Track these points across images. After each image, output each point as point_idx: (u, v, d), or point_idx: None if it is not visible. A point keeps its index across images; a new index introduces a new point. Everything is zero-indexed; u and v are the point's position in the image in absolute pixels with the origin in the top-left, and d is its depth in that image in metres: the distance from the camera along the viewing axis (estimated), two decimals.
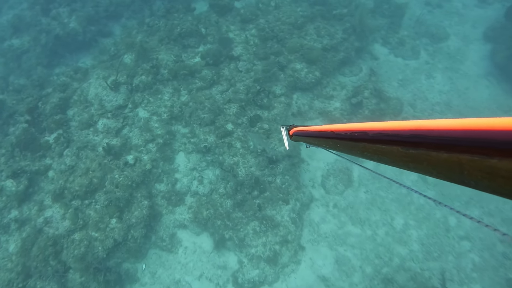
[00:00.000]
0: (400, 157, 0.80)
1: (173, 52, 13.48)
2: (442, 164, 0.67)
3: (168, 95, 12.53)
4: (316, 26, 13.88)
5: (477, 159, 0.58)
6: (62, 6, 15.91)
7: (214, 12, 15.10)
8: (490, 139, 0.57)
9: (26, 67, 15.39)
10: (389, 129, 0.86)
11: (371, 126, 0.94)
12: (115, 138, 11.64)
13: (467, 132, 0.62)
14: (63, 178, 10.98)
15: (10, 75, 15.59)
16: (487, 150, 0.57)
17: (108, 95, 12.57)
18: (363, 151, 0.97)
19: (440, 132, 0.68)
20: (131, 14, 16.81)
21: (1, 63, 16.38)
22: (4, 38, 16.55)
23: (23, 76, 15.16)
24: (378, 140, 0.89)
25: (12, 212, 11.03)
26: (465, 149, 0.61)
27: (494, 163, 0.55)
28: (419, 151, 0.73)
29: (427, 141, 0.71)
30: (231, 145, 11.08)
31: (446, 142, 0.66)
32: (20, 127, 12.36)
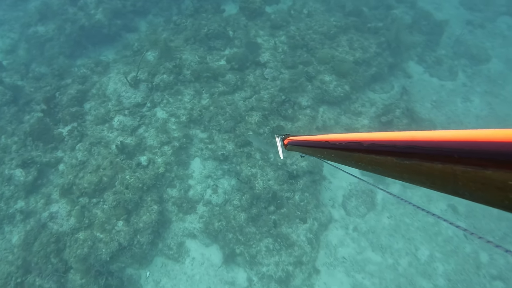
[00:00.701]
0: (395, 167, 0.80)
1: (198, 53, 13.29)
2: (436, 175, 0.68)
3: (189, 97, 12.32)
4: (349, 38, 13.53)
5: (471, 170, 0.59)
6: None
7: (243, 15, 14.90)
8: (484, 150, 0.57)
9: (49, 55, 15.44)
10: (383, 139, 0.86)
11: (366, 137, 0.94)
12: (130, 137, 11.45)
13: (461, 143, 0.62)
14: (73, 173, 10.82)
15: (32, 62, 15.68)
16: (481, 161, 0.57)
17: (127, 91, 12.43)
18: (357, 161, 0.98)
19: (435, 143, 0.69)
20: (158, 11, 16.78)
21: (24, 49, 16.54)
22: (30, 24, 16.69)
23: (44, 64, 15.21)
24: (372, 151, 0.89)
25: (19, 203, 10.91)
26: (459, 160, 0.62)
27: (488, 174, 0.55)
28: (414, 162, 0.74)
29: (422, 152, 0.72)
30: (250, 156, 10.76)
31: (441, 153, 0.67)
32: (35, 116, 12.31)
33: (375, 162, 0.89)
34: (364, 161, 0.94)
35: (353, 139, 1.01)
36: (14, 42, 17.20)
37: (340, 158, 1.12)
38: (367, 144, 0.92)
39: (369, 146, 0.91)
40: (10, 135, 12.19)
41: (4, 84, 13.11)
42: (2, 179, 11.23)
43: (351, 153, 1.01)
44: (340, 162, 1.16)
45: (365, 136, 0.95)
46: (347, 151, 1.04)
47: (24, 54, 16.46)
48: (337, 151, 1.12)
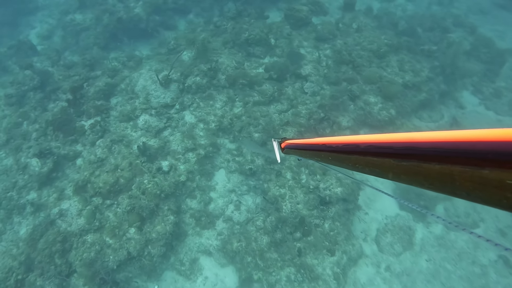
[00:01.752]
0: (392, 169, 0.81)
1: (236, 58, 12.87)
2: (433, 175, 0.69)
3: (221, 103, 11.86)
4: (400, 59, 12.82)
5: (468, 170, 0.60)
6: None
7: (288, 23, 14.44)
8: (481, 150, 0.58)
9: (83, 45, 15.43)
10: (380, 141, 0.87)
11: (363, 139, 0.95)
12: (154, 139, 11.05)
13: (458, 144, 0.63)
14: (89, 170, 10.48)
15: (66, 50, 15.73)
16: (478, 161, 0.58)
17: (156, 90, 12.09)
18: (355, 164, 0.99)
19: (432, 144, 0.70)
20: (199, 11, 16.59)
21: (60, 36, 16.66)
22: (68, 11, 16.82)
23: (77, 53, 15.20)
24: (369, 153, 0.90)
25: (31, 194, 10.66)
26: (456, 160, 0.62)
27: (485, 174, 0.56)
28: (411, 163, 0.74)
29: (419, 153, 0.72)
30: (280, 174, 10.14)
31: (438, 154, 0.67)
32: (60, 105, 12.12)
33: (373, 164, 0.89)
34: (362, 163, 0.94)
35: (350, 141, 1.01)
36: (52, 28, 17.39)
37: (338, 160, 1.13)
38: (364, 146, 0.92)
39: (366, 148, 0.91)
40: (32, 122, 12.04)
41: (34, 69, 13.04)
42: (18, 166, 11.03)
43: (348, 156, 1.02)
44: (337, 164, 1.18)
45: (362, 138, 0.95)
46: (344, 154, 1.05)
47: (59, 41, 16.55)
48: (334, 154, 1.12)
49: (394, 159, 0.80)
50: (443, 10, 16.49)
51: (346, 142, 1.04)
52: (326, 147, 1.18)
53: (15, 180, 10.86)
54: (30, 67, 12.98)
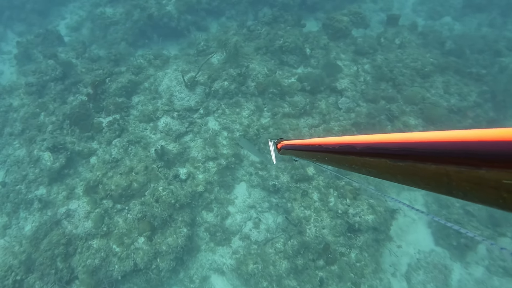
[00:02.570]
0: (388, 169, 0.81)
1: (268, 65, 12.36)
2: (430, 175, 0.69)
3: (248, 111, 11.33)
4: (445, 80, 12.06)
5: (464, 170, 0.60)
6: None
7: (325, 34, 13.89)
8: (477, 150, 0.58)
9: (111, 39, 15.23)
10: (377, 142, 0.87)
11: (359, 139, 0.95)
12: (173, 143, 10.58)
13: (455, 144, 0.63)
14: (102, 170, 10.07)
15: (93, 43, 15.57)
16: (474, 161, 0.58)
17: (181, 92, 11.66)
18: (351, 164, 0.99)
19: (428, 144, 0.70)
20: (233, 14, 16.22)
21: (88, 28, 16.56)
22: (99, 4, 16.73)
23: (104, 47, 15.01)
24: (366, 153, 0.90)
25: (40, 189, 10.33)
26: (452, 160, 0.63)
27: (482, 174, 0.57)
28: (407, 163, 0.75)
29: (415, 154, 0.72)
30: (306, 194, 9.50)
31: (434, 154, 0.67)
32: (79, 99, 11.83)
33: (369, 164, 0.89)
34: (358, 163, 0.95)
35: (346, 142, 1.01)
36: (81, 20, 17.35)
37: (334, 161, 1.14)
38: (360, 147, 0.93)
39: (362, 149, 0.92)
40: (50, 113, 11.76)
41: (58, 59, 12.82)
42: (30, 159, 10.73)
43: (344, 156, 1.02)
44: (334, 165, 1.19)
45: (359, 139, 0.95)
46: (341, 154, 1.05)
47: (87, 33, 16.44)
48: (331, 155, 1.13)
49: (390, 160, 0.80)
50: (494, 32, 15.63)
51: (343, 142, 1.04)
52: (322, 147, 1.19)
53: (25, 173, 10.55)
54: (54, 57, 12.77)
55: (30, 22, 17.84)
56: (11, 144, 11.56)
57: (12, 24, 18.33)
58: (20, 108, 12.21)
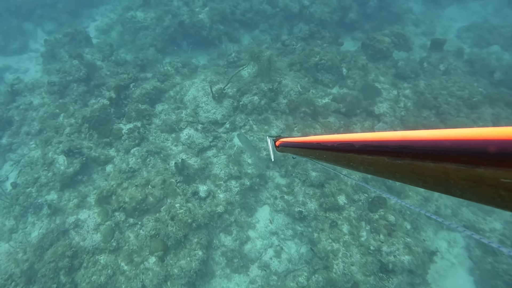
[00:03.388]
0: (386, 167, 0.82)
1: (301, 83, 11.81)
2: (428, 173, 0.69)
3: (277, 130, 10.77)
4: (495, 112, 11.27)
5: (463, 168, 0.60)
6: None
7: (364, 54, 13.31)
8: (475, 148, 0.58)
9: (139, 44, 15.02)
10: (375, 140, 0.88)
11: (358, 137, 0.96)
12: (195, 158, 10.06)
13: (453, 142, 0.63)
14: (117, 180, 9.61)
15: (121, 47, 15.41)
16: (472, 159, 0.58)
17: (207, 103, 11.20)
18: (349, 162, 1.01)
19: (426, 143, 0.70)
20: (267, 27, 15.88)
21: (118, 31, 16.44)
22: (130, 7, 16.62)
23: (132, 52, 14.83)
24: (364, 151, 0.91)
25: (51, 194, 9.91)
26: (451, 158, 0.63)
27: (480, 172, 0.57)
28: (405, 161, 0.75)
29: (413, 151, 0.73)
30: (335, 225, 8.79)
31: (432, 152, 0.68)
32: (101, 102, 11.50)
33: (367, 162, 0.90)
34: (356, 161, 0.95)
35: (345, 140, 1.02)
36: (111, 23, 17.28)
37: (332, 159, 1.14)
38: (358, 144, 0.93)
39: (360, 147, 0.92)
40: (69, 115, 11.45)
41: (83, 60, 12.58)
42: (44, 161, 10.37)
43: (343, 154, 1.03)
44: (332, 163, 1.18)
45: (357, 136, 0.96)
46: (339, 152, 1.06)
47: (116, 37, 16.31)
48: (329, 152, 1.13)
49: (388, 158, 0.80)
50: None
51: (341, 140, 1.04)
52: (321, 145, 1.20)
53: (37, 176, 10.18)
54: (79, 57, 12.54)
55: (61, 21, 17.87)
56: (27, 144, 11.26)
57: (43, 22, 18.41)
58: (40, 107, 11.95)
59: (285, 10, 15.97)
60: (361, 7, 16.11)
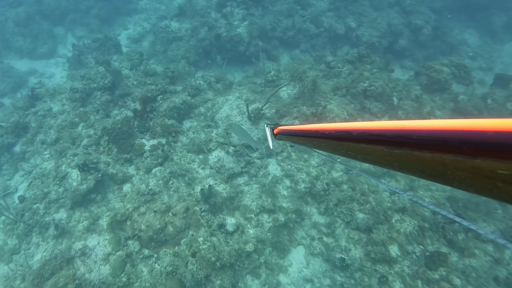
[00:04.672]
0: (384, 156, 0.83)
1: (347, 109, 10.69)
2: (426, 163, 0.70)
3: (318, 160, 9.64)
4: None
5: (460, 159, 0.61)
6: (240, 7, 14.63)
7: (418, 83, 12.15)
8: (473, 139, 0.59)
9: (171, 55, 14.30)
10: (373, 129, 0.88)
11: (356, 126, 0.96)
12: (224, 184, 8.98)
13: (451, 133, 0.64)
14: (134, 203, 8.59)
15: (152, 57, 14.76)
16: (470, 150, 0.59)
17: (242, 124, 10.19)
18: (347, 151, 1.01)
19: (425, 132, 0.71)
20: (308, 47, 14.99)
21: (150, 41, 15.89)
22: (165, 17, 16.08)
23: (163, 63, 14.13)
24: (362, 140, 0.91)
25: (60, 213, 8.95)
26: (448, 149, 0.64)
27: (477, 163, 0.58)
28: (403, 151, 0.76)
29: (411, 141, 0.74)
30: (385, 281, 7.48)
31: (430, 142, 0.68)
32: (124, 114, 10.63)
33: (365, 151, 0.91)
34: (354, 150, 0.96)
35: (343, 128, 1.02)
36: (144, 32, 16.79)
37: (330, 147, 1.15)
38: (356, 133, 0.93)
39: (358, 135, 0.92)
40: (89, 126, 10.61)
41: (110, 67, 11.79)
42: (56, 174, 9.47)
43: (341, 142, 1.03)
44: (330, 151, 1.19)
45: (355, 125, 0.96)
46: (337, 140, 1.06)
47: (147, 46, 15.72)
48: (327, 141, 1.13)
49: (386, 147, 0.81)
50: None
51: (339, 129, 1.04)
52: (319, 133, 1.19)
53: (47, 191, 9.26)
54: (106, 63, 11.77)
55: (92, 28, 17.43)
56: (41, 153, 10.43)
57: (74, 28, 18.03)
58: (59, 115, 11.16)
59: (329, 31, 15.06)
60: (413, 33, 15.07)
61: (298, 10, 15.61)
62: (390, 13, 15.68)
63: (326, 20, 15.22)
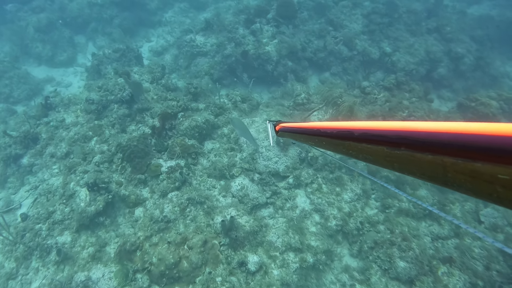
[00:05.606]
0: (385, 157, 0.83)
1: None
2: (426, 165, 0.70)
3: (351, 195, 8.75)
4: None
5: (460, 162, 0.61)
6: (270, 25, 14.02)
7: (462, 116, 11.25)
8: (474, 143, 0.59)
9: (194, 70, 13.82)
10: (375, 129, 0.88)
11: (358, 125, 0.96)
12: (247, 216, 8.12)
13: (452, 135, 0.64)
14: (146, 231, 7.79)
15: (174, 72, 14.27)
16: (471, 154, 0.59)
17: (268, 149, 9.39)
18: (348, 150, 1.01)
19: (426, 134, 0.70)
20: (340, 70, 14.26)
21: (172, 55, 15.42)
22: (190, 30, 15.55)
23: (184, 78, 13.60)
24: (363, 139, 0.92)
25: (64, 235, 8.17)
26: (449, 151, 0.63)
27: (477, 167, 0.57)
28: (404, 152, 0.76)
29: (413, 143, 0.74)
30: None
31: (431, 144, 0.68)
32: (141, 130, 9.93)
33: (366, 151, 0.91)
34: (355, 149, 0.96)
35: (345, 127, 1.02)
36: (167, 45, 16.35)
37: (331, 145, 1.15)
38: (358, 132, 0.94)
39: (360, 135, 0.93)
40: (103, 140, 9.92)
41: (129, 79, 11.13)
42: (63, 192, 8.74)
43: (342, 141, 1.03)
44: (331, 150, 1.18)
45: (357, 125, 0.96)
46: (338, 139, 1.06)
47: (170, 60, 15.20)
48: (328, 139, 1.14)
49: (387, 148, 0.81)
50: None
51: (341, 127, 1.05)
52: (320, 131, 1.20)
53: (52, 210, 8.52)
54: (126, 75, 11.11)
55: (114, 38, 16.99)
56: (49, 167, 9.75)
57: (95, 37, 17.66)
58: (71, 127, 10.51)
59: (363, 54, 14.30)
60: (453, 62, 14.24)
61: (330, 31, 14.93)
62: (428, 40, 14.90)
63: (360, 43, 14.49)
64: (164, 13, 18.56)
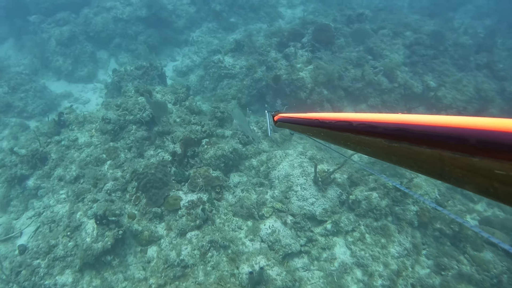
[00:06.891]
0: (383, 149, 0.83)
1: (439, 187, 8.65)
2: (424, 159, 0.70)
3: (400, 249, 7.54)
4: None
5: (458, 156, 0.61)
6: (305, 49, 13.17)
7: None
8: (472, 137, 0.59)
9: (221, 94, 12.99)
10: (373, 121, 0.87)
11: (357, 117, 0.96)
12: (278, 267, 6.95)
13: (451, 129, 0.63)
14: (159, 278, 6.71)
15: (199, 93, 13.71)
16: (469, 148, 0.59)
17: (305, 187, 8.28)
18: (346, 141, 1.01)
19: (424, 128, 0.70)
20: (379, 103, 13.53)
21: (198, 75, 14.80)
22: (219, 51, 14.80)
23: (210, 101, 12.80)
24: (362, 131, 0.91)
25: (65, 275, 7.14)
26: (447, 145, 0.63)
27: (475, 162, 0.58)
28: (402, 145, 0.76)
29: (411, 136, 0.73)
30: None
31: (429, 138, 0.68)
32: (160, 156, 8.97)
33: (364, 143, 0.91)
34: (353, 141, 0.96)
35: (343, 119, 1.02)
36: (193, 66, 15.63)
37: (330, 137, 1.15)
38: (356, 124, 0.93)
39: (358, 127, 0.92)
40: (117, 165, 8.98)
41: (151, 98, 10.23)
42: (68, 223, 7.73)
43: (340, 133, 1.03)
44: (329, 141, 1.18)
45: (356, 116, 0.96)
46: (337, 131, 1.05)
47: (195, 81, 14.42)
48: (327, 130, 1.13)
49: (385, 140, 0.81)
50: None
51: (340, 119, 1.04)
52: (319, 122, 1.19)
53: (54, 243, 7.50)
54: (148, 93, 10.21)
55: (137, 55, 16.38)
56: (56, 192, 8.81)
57: (118, 53, 17.08)
58: (84, 147, 9.60)
59: (404, 87, 13.25)
60: (507, 103, 13.05)
61: (369, 60, 13.97)
62: (477, 76, 13.79)
63: (401, 74, 13.46)
64: (191, 32, 17.93)
